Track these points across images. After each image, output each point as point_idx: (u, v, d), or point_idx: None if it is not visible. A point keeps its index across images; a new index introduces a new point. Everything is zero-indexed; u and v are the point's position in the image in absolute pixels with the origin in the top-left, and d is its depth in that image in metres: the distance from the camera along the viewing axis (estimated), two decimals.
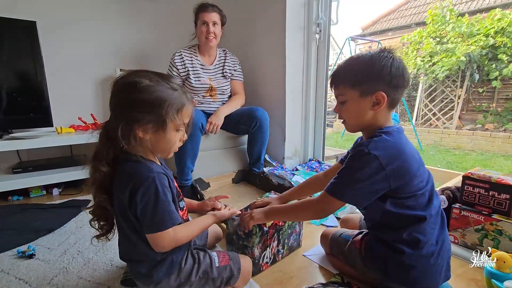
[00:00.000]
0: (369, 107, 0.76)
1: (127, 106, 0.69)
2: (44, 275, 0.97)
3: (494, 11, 3.76)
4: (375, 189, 0.72)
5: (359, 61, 0.77)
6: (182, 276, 0.77)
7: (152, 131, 0.71)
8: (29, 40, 1.66)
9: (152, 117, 0.69)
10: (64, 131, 1.77)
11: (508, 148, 3.57)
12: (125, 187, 0.69)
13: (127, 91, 0.70)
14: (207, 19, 1.70)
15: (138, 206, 0.68)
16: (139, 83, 0.68)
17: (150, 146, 0.73)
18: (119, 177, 0.72)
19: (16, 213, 1.44)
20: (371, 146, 0.71)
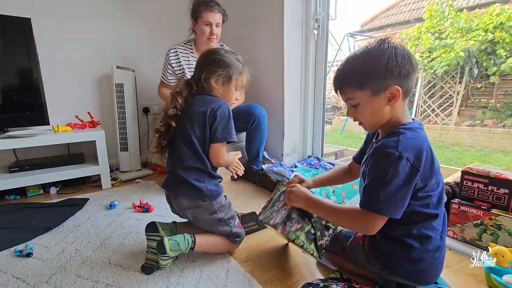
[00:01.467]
0: (385, 103, 0.73)
1: (210, 62, 1.00)
2: (42, 274, 0.96)
3: (493, 6, 3.74)
4: (409, 195, 0.69)
5: (360, 59, 0.74)
6: (220, 206, 0.99)
7: (221, 82, 1.01)
8: (24, 37, 1.64)
9: (223, 72, 1.00)
10: (61, 129, 1.76)
11: (507, 143, 3.57)
12: (207, 107, 0.96)
13: (212, 54, 1.03)
14: (212, 20, 1.63)
15: (217, 119, 0.95)
16: (219, 51, 1.03)
17: (217, 92, 1.00)
18: (200, 101, 0.98)
19: (14, 212, 1.43)
20: (401, 148, 0.67)
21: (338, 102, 5.91)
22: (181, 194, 0.98)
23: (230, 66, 1.00)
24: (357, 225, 0.75)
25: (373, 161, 0.72)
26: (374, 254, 0.81)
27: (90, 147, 1.81)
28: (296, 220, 0.90)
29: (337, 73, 0.78)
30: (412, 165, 0.67)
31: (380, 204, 0.68)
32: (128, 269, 0.98)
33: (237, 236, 1.03)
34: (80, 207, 1.49)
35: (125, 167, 2.05)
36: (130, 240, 1.17)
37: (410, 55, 0.71)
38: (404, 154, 0.66)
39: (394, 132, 0.72)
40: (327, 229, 0.90)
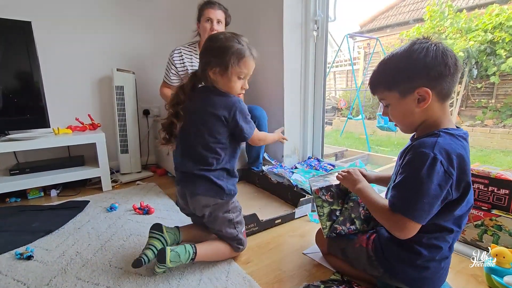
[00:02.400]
0: (415, 105, 0.71)
1: (205, 51, 0.94)
2: (42, 277, 0.96)
3: (492, 6, 3.75)
4: (439, 202, 0.66)
5: (391, 61, 0.74)
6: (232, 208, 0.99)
7: (219, 73, 0.92)
8: (24, 40, 1.65)
9: (219, 61, 0.90)
10: (61, 132, 1.77)
11: (507, 143, 3.57)
12: (220, 111, 0.91)
13: (207, 43, 0.94)
14: (212, 16, 1.66)
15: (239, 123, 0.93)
16: (215, 37, 0.93)
17: (220, 85, 0.94)
18: (208, 98, 0.94)
19: (14, 215, 1.43)
20: (436, 149, 0.65)
21: (338, 103, 5.91)
22: (203, 193, 0.95)
23: (225, 53, 0.89)
24: (393, 229, 0.70)
25: (408, 160, 0.69)
26: (377, 258, 0.80)
27: (91, 149, 1.81)
28: (332, 194, 0.92)
29: (372, 73, 0.79)
30: (445, 170, 0.64)
31: (413, 209, 0.66)
32: (129, 272, 0.98)
33: (241, 244, 1.02)
34: (81, 210, 1.49)
35: (125, 169, 2.05)
36: (130, 243, 1.17)
37: (445, 55, 0.67)
38: (439, 157, 0.64)
39: (433, 133, 0.70)
40: (351, 223, 0.90)
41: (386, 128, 3.98)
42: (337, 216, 0.92)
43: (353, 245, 0.87)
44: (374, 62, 5.36)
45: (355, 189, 0.84)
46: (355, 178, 0.86)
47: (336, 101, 6.14)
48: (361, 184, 0.83)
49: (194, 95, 0.97)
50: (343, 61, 6.33)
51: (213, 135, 0.92)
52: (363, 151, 3.35)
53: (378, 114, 4.13)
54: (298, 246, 1.13)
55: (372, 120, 4.98)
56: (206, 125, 0.92)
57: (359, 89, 4.71)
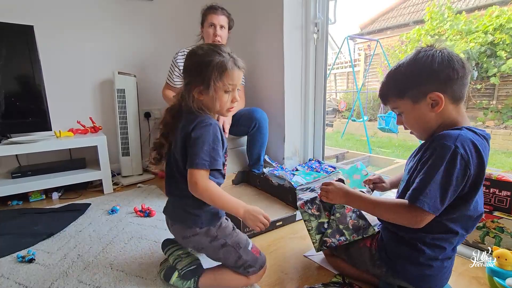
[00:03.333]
0: (429, 110, 0.71)
1: (185, 71, 0.85)
2: (44, 280, 0.96)
3: (492, 8, 3.75)
4: (457, 191, 0.66)
5: (399, 70, 0.75)
6: (220, 232, 0.87)
7: (204, 92, 0.82)
8: (26, 44, 1.66)
9: (200, 79, 0.81)
10: (63, 135, 1.77)
11: (509, 145, 3.56)
12: (188, 126, 0.81)
13: (187, 60, 0.85)
14: (215, 21, 1.68)
15: (191, 138, 0.79)
16: (194, 52, 0.83)
17: (205, 105, 0.84)
18: (184, 120, 0.85)
19: (16, 218, 1.43)
20: (458, 142, 0.64)
21: (338, 104, 5.91)
22: (178, 221, 0.89)
23: (206, 69, 0.80)
24: (404, 219, 0.70)
25: (428, 153, 0.69)
26: (380, 256, 0.81)
27: (92, 152, 1.82)
28: (318, 207, 0.92)
29: (381, 84, 0.80)
30: (465, 163, 0.64)
31: (436, 204, 0.65)
32: (130, 274, 0.98)
33: (250, 266, 0.86)
34: (82, 212, 1.49)
35: (126, 172, 2.05)
36: (132, 245, 1.17)
37: (451, 59, 0.69)
38: (459, 150, 0.64)
39: (455, 128, 0.70)
40: (340, 234, 0.90)
41: (387, 130, 3.98)
42: (326, 229, 0.91)
43: (357, 245, 0.88)
44: (374, 64, 5.37)
45: (348, 200, 0.82)
46: (339, 191, 0.83)
47: (336, 103, 6.14)
48: (350, 193, 0.81)
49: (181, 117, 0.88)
50: (343, 63, 6.35)
51: (180, 155, 0.84)
52: (364, 153, 3.34)
53: (379, 116, 4.14)
54: (299, 248, 1.12)
55: (373, 122, 4.98)
56: (176, 145, 0.85)
57: (360, 91, 4.71)
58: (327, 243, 0.91)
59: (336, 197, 0.84)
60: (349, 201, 0.82)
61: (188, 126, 0.81)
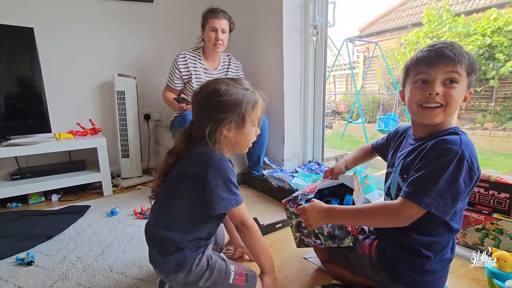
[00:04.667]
0: (462, 99, 0.73)
1: (213, 109, 0.78)
2: (43, 282, 0.96)
3: (490, 10, 3.78)
4: (464, 195, 0.66)
5: (466, 51, 0.72)
6: (190, 278, 0.76)
7: (235, 128, 0.80)
8: (26, 46, 1.67)
9: (234, 116, 0.79)
10: (63, 137, 1.77)
11: (507, 146, 3.57)
12: (196, 165, 0.76)
13: (212, 97, 0.78)
14: (217, 25, 1.68)
15: (209, 182, 0.74)
16: (220, 89, 0.78)
17: (232, 142, 0.82)
18: (191, 156, 0.80)
19: (15, 220, 1.43)
20: (464, 147, 0.65)
21: (338, 106, 5.93)
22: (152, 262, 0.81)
23: (239, 104, 0.79)
24: (392, 217, 0.69)
25: (432, 156, 0.68)
26: (380, 263, 0.80)
27: (92, 154, 1.82)
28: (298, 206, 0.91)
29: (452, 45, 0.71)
30: (470, 167, 0.65)
31: (432, 200, 0.64)
32: (130, 277, 0.98)
33: None
34: (82, 214, 1.49)
35: (126, 174, 2.05)
36: (131, 248, 1.17)
37: None
38: (466, 154, 0.65)
39: (451, 132, 0.71)
40: (316, 237, 0.91)
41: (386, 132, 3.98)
42: (304, 228, 0.92)
43: (356, 252, 0.86)
44: (373, 66, 5.39)
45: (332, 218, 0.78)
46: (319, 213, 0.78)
47: (336, 105, 6.16)
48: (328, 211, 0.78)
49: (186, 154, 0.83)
50: (342, 65, 6.37)
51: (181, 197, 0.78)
52: None
53: (378, 117, 4.15)
54: (299, 250, 1.12)
55: (372, 123, 4.99)
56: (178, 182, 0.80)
57: (359, 93, 4.72)
58: (305, 242, 0.94)
59: (317, 220, 0.79)
60: (332, 219, 0.79)
61: (195, 166, 0.76)
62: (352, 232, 0.87)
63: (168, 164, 0.84)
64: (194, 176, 0.75)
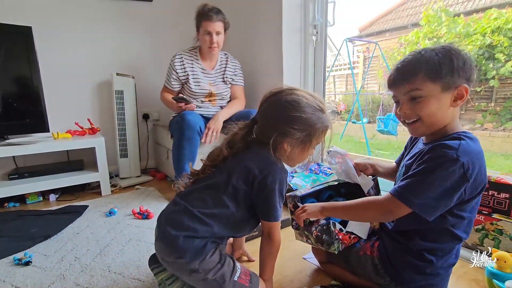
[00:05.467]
0: (450, 103, 0.69)
1: (286, 121, 0.76)
2: (41, 283, 0.95)
3: (490, 10, 3.77)
4: (451, 202, 0.66)
5: (436, 52, 0.69)
6: (201, 267, 0.75)
7: (296, 145, 0.78)
8: (24, 45, 1.66)
9: (303, 135, 0.76)
10: (61, 136, 1.77)
11: (507, 147, 3.57)
12: (260, 165, 0.75)
13: (288, 108, 0.76)
14: (211, 29, 1.64)
15: (267, 185, 0.74)
16: (299, 103, 0.76)
17: (288, 157, 0.80)
18: (254, 155, 0.79)
19: (13, 220, 1.42)
20: (460, 152, 0.64)
21: (337, 106, 5.93)
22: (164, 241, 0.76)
23: (312, 126, 0.76)
24: (382, 213, 0.73)
25: (426, 158, 0.68)
26: (384, 266, 0.79)
27: (90, 153, 1.81)
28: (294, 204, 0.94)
29: (404, 62, 0.72)
30: (464, 173, 0.63)
31: (414, 198, 0.66)
32: (128, 277, 0.97)
33: None
34: (80, 214, 1.48)
35: (124, 174, 2.05)
36: (129, 248, 1.17)
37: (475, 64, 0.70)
38: (462, 159, 0.63)
39: (454, 137, 0.69)
40: (306, 238, 0.93)
41: (386, 132, 3.98)
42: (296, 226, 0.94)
43: (356, 254, 0.85)
44: (373, 66, 5.39)
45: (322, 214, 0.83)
46: (314, 209, 0.83)
47: (335, 105, 6.15)
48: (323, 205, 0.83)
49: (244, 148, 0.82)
50: (342, 65, 6.36)
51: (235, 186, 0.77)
52: (363, 155, 3.35)
53: (378, 118, 4.14)
54: (298, 251, 1.12)
55: (372, 124, 4.99)
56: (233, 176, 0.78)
57: (359, 93, 4.72)
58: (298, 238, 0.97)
59: (314, 213, 0.84)
60: (326, 213, 0.83)
61: (254, 167, 0.75)
62: (344, 240, 0.86)
63: (223, 155, 0.81)
64: (253, 177, 0.75)
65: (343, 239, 0.86)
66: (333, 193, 1.01)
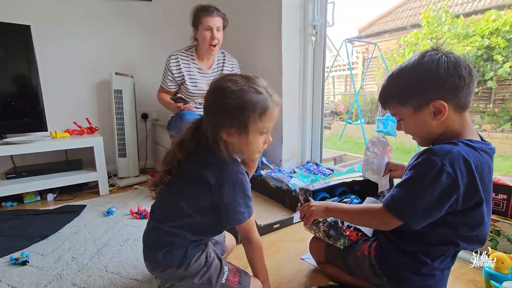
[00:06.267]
0: (430, 118, 0.68)
1: (214, 111, 0.73)
2: (38, 282, 0.95)
3: (489, 12, 3.78)
4: (441, 212, 0.65)
5: (402, 74, 0.70)
6: (187, 273, 0.76)
7: (236, 134, 0.73)
8: (23, 44, 1.65)
9: (235, 122, 0.71)
10: (59, 136, 1.76)
11: (505, 148, 3.58)
12: (210, 175, 0.72)
13: (215, 97, 0.73)
14: (212, 24, 1.62)
15: (223, 194, 0.72)
16: (225, 89, 0.71)
17: (235, 148, 0.75)
18: (201, 161, 0.76)
19: (10, 219, 1.42)
20: (447, 160, 0.62)
21: (337, 107, 5.93)
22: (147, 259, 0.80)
23: (243, 110, 0.70)
24: (377, 224, 0.75)
25: (417, 163, 0.67)
26: (381, 267, 0.79)
27: (88, 153, 1.81)
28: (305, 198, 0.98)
29: (381, 88, 0.75)
30: (452, 182, 0.61)
31: (403, 210, 0.66)
32: (126, 277, 0.97)
33: None
34: (77, 214, 1.48)
35: (123, 173, 2.04)
36: (127, 248, 1.16)
37: (459, 65, 0.65)
38: (446, 168, 0.61)
39: (451, 142, 0.67)
40: (315, 231, 0.95)
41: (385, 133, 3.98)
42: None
43: (354, 254, 0.85)
44: (372, 67, 5.40)
45: (326, 214, 0.84)
46: (318, 209, 0.84)
47: (335, 105, 6.16)
48: (327, 206, 0.84)
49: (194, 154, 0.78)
50: (341, 65, 6.37)
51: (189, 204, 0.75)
52: (362, 156, 3.35)
53: (377, 118, 4.15)
54: (297, 251, 1.12)
55: (371, 124, 5.00)
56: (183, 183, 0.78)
57: (358, 94, 4.73)
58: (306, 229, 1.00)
59: (319, 213, 0.85)
60: (329, 214, 0.84)
61: (210, 176, 0.72)
62: (351, 236, 0.87)
63: (177, 158, 0.78)
64: (210, 187, 0.72)
65: (350, 235, 0.87)
66: (347, 189, 1.02)
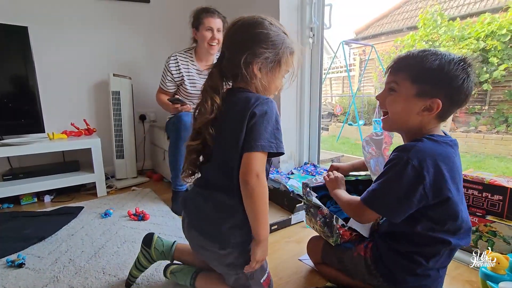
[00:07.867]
0: (418, 110, 0.70)
1: (254, 40, 0.71)
2: (34, 285, 0.95)
3: (484, 15, 3.83)
4: (412, 203, 0.67)
5: (436, 58, 0.68)
6: (240, 261, 0.73)
7: (266, 69, 0.73)
8: (20, 45, 1.65)
9: (271, 55, 0.71)
10: (56, 137, 1.75)
11: (501, 149, 3.61)
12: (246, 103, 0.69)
13: (254, 27, 0.72)
14: (213, 25, 1.64)
15: (255, 116, 0.67)
16: (263, 22, 0.72)
17: (258, 84, 0.73)
18: (235, 98, 0.73)
19: (6, 221, 1.41)
20: (412, 153, 0.66)
21: (334, 108, 5.95)
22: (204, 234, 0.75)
23: (279, 45, 0.72)
24: (355, 215, 0.78)
25: (388, 159, 0.72)
26: (377, 267, 0.80)
27: (86, 154, 1.80)
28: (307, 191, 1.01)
29: (405, 54, 0.73)
30: (417, 173, 0.65)
31: (375, 201, 0.72)
32: (123, 279, 0.96)
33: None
34: (75, 216, 1.47)
35: (120, 175, 2.03)
36: (125, 249, 1.16)
37: (471, 91, 0.68)
38: (412, 161, 0.66)
39: (416, 139, 0.71)
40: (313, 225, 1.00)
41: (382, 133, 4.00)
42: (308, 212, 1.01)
43: (351, 254, 0.86)
44: (369, 69, 5.42)
45: (333, 192, 0.89)
46: (338, 184, 0.91)
47: (332, 107, 6.18)
48: (339, 190, 0.89)
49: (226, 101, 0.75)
50: (339, 67, 6.39)
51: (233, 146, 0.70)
52: (359, 157, 3.36)
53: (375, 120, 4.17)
54: (294, 252, 1.12)
55: (368, 126, 5.02)
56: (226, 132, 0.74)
57: (355, 95, 4.75)
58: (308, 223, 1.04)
59: (332, 185, 0.91)
60: (333, 194, 0.89)
61: (246, 103, 0.69)
62: (344, 235, 0.88)
63: (218, 105, 0.73)
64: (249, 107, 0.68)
65: (343, 234, 0.89)
66: (351, 188, 1.02)
